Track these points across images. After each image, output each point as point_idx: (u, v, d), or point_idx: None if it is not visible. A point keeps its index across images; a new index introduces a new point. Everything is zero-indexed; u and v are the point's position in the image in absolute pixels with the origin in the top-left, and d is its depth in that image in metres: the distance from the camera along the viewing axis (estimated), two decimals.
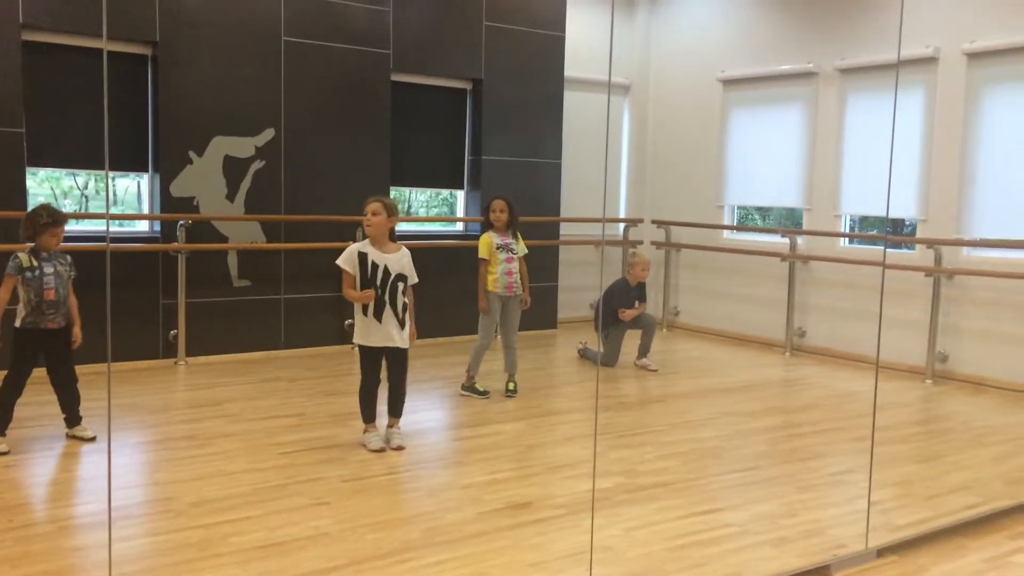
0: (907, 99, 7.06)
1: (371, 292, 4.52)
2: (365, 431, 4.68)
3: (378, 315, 4.58)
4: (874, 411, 3.92)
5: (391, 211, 4.60)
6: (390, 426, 4.76)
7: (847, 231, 7.72)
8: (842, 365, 7.29)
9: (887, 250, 7.26)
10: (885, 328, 4.47)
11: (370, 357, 4.65)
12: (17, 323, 4.45)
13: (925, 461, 4.74)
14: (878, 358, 3.93)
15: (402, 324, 4.65)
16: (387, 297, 4.58)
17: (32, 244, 4.50)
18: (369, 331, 4.59)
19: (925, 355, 6.79)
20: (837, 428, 5.34)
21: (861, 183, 7.46)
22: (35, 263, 4.45)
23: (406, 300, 4.67)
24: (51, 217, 4.49)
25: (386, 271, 4.58)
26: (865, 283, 7.30)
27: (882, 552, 3.56)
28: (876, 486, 4.03)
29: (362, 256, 4.56)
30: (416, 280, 4.71)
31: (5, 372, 4.49)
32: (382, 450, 4.57)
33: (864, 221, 7.85)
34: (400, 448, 4.64)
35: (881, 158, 7.20)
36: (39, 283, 4.43)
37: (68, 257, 4.65)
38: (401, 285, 4.63)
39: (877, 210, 7.43)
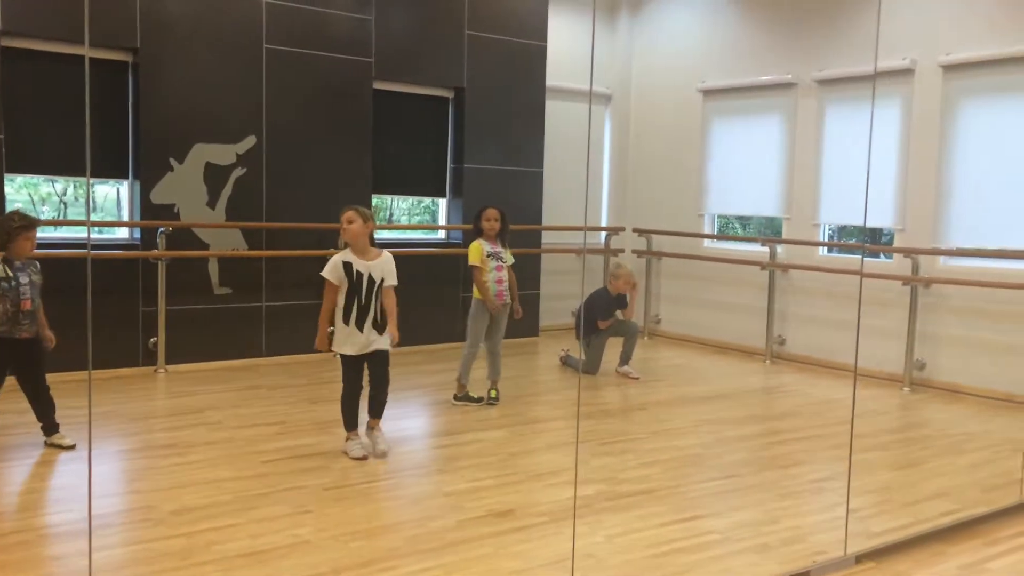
0: (884, 110, 7.15)
1: (326, 342, 4.62)
2: (347, 439, 4.67)
3: (360, 323, 4.57)
4: (852, 419, 3.96)
5: (366, 217, 4.60)
6: (372, 427, 4.74)
7: (826, 240, 7.80)
8: (821, 373, 7.35)
9: (865, 259, 7.34)
10: (863, 336, 4.53)
11: (351, 365, 4.64)
12: None
13: (903, 468, 4.78)
14: (856, 366, 3.97)
15: (381, 329, 4.64)
16: (371, 305, 4.58)
17: (3, 252, 4.42)
18: (350, 339, 4.58)
19: (903, 363, 6.86)
20: (817, 435, 5.38)
21: (839, 193, 7.54)
22: (10, 273, 4.39)
23: (384, 303, 4.65)
24: (24, 221, 4.43)
25: (370, 279, 4.58)
26: (844, 292, 7.37)
27: (861, 558, 3.59)
28: (855, 493, 4.07)
29: (347, 266, 4.56)
30: (395, 283, 4.70)
31: None
32: (364, 458, 4.56)
33: (843, 230, 7.93)
34: (384, 454, 4.63)
35: (859, 168, 7.27)
36: (16, 293, 4.37)
37: (38, 264, 4.60)
38: (384, 289, 4.64)
39: (855, 219, 7.51)
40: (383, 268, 4.64)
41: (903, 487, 4.44)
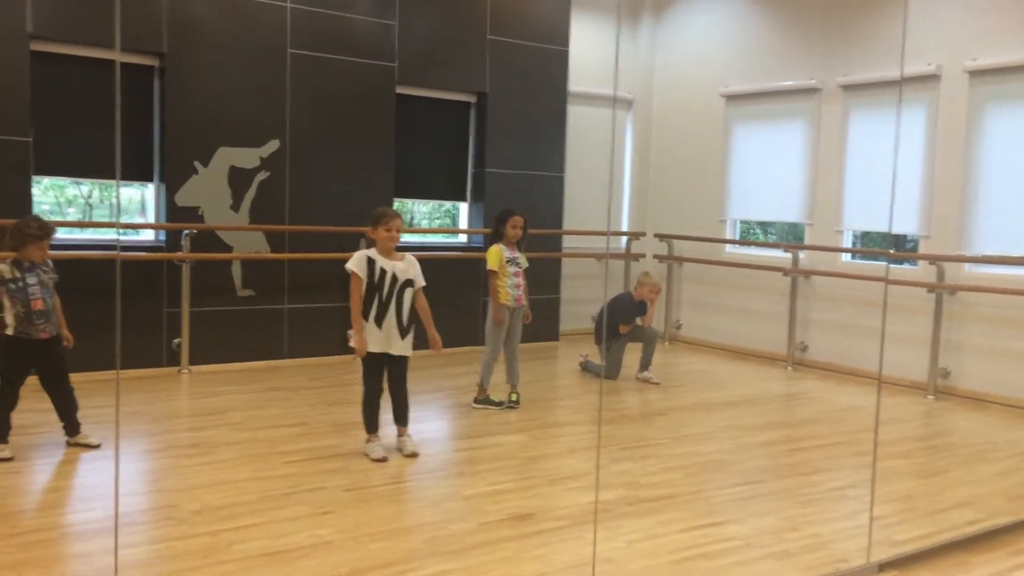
0: (909, 116, 7.10)
1: (365, 345, 4.57)
2: (367, 441, 4.69)
3: (379, 321, 4.60)
4: (876, 426, 3.93)
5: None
6: (401, 435, 4.78)
7: (849, 246, 7.74)
8: (844, 380, 7.29)
9: (890, 266, 7.28)
10: (887, 343, 4.49)
11: (371, 364, 4.67)
12: (9, 331, 4.42)
13: (927, 476, 4.74)
14: (880, 373, 3.94)
15: (404, 332, 4.66)
16: (391, 304, 4.61)
17: (15, 254, 4.45)
18: (370, 336, 4.61)
19: (927, 370, 6.79)
20: (839, 443, 5.34)
21: (863, 199, 7.48)
22: (18, 274, 4.42)
23: (417, 306, 4.72)
24: (41, 230, 4.46)
25: (394, 278, 4.62)
26: (867, 298, 7.32)
27: (884, 567, 3.56)
28: (878, 501, 4.03)
29: (370, 262, 4.60)
30: (424, 283, 4.75)
31: None
32: (384, 459, 4.58)
33: (866, 236, 7.88)
34: (414, 455, 4.67)
35: (883, 174, 7.22)
36: (24, 294, 4.41)
37: (50, 263, 4.62)
38: (409, 291, 4.67)
39: (879, 226, 7.45)
40: (408, 269, 4.68)
41: (927, 495, 4.40)
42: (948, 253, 6.82)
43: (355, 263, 4.60)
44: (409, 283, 4.68)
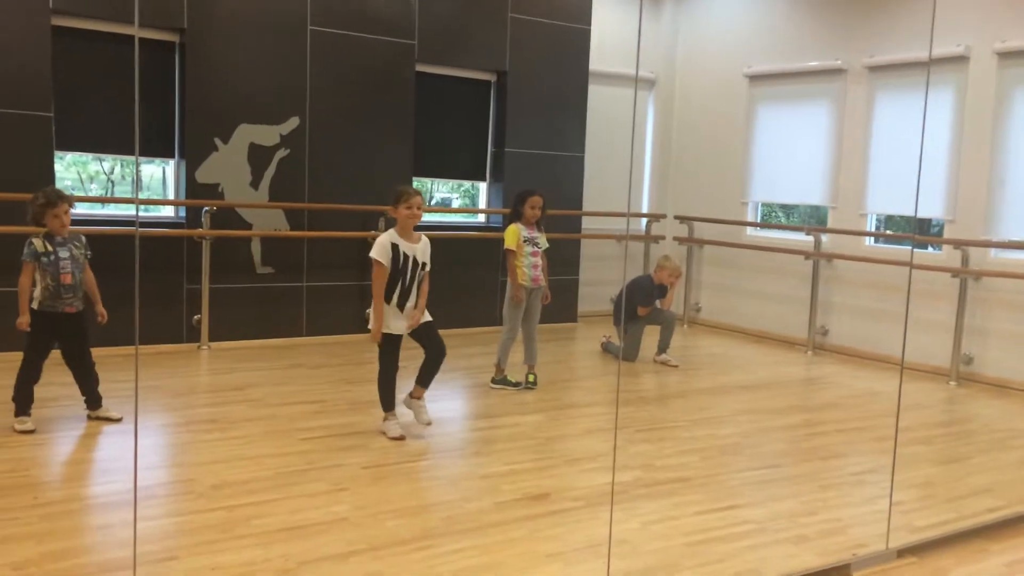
0: (937, 98, 6.98)
1: (380, 333, 4.57)
2: (385, 419, 4.70)
3: (401, 304, 4.60)
4: (898, 411, 3.89)
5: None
6: (416, 396, 4.75)
7: (873, 230, 7.66)
8: (865, 365, 7.23)
9: (914, 250, 7.19)
10: (910, 329, 4.45)
11: (390, 345, 4.67)
12: (34, 305, 4.45)
13: (947, 463, 4.70)
14: (903, 358, 3.90)
15: (419, 308, 4.69)
16: (413, 287, 4.62)
17: (44, 228, 4.48)
18: (390, 319, 4.61)
19: (950, 357, 6.72)
20: (859, 428, 5.30)
21: (888, 182, 7.38)
22: (50, 248, 4.44)
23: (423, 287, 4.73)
24: (45, 198, 4.43)
25: (414, 261, 4.62)
26: (890, 283, 7.24)
27: (902, 553, 3.54)
28: (897, 487, 4.00)
29: (394, 247, 4.59)
30: (430, 266, 4.75)
31: (22, 355, 4.53)
32: (402, 438, 4.59)
33: (889, 220, 7.78)
34: (429, 423, 4.69)
35: (909, 157, 7.12)
36: (55, 267, 4.44)
37: (83, 238, 4.65)
38: (424, 272, 4.68)
39: (903, 209, 7.36)
40: (424, 251, 4.68)
41: (947, 482, 4.36)
42: (973, 238, 6.73)
43: (379, 251, 4.57)
44: (424, 265, 4.69)
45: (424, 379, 4.77)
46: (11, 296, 5.71)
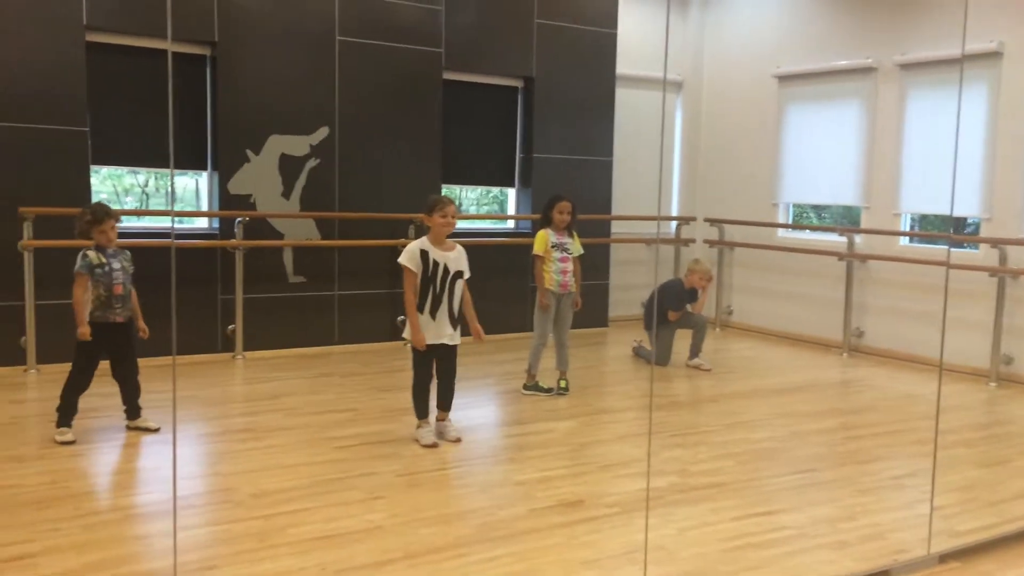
0: (970, 95, 6.88)
1: (423, 339, 4.56)
2: (418, 427, 4.71)
3: (433, 313, 4.61)
4: (937, 413, 3.83)
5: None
6: (441, 419, 4.79)
7: (907, 229, 7.55)
8: (901, 366, 7.13)
9: (950, 249, 7.08)
10: (947, 329, 4.37)
11: (422, 353, 4.68)
12: (86, 317, 4.54)
13: (989, 466, 4.61)
14: (941, 359, 3.84)
15: (455, 323, 4.67)
16: (444, 295, 4.62)
17: (92, 241, 4.58)
18: (424, 327, 4.61)
19: (989, 357, 6.61)
20: (897, 431, 5.22)
21: (922, 181, 7.28)
22: (103, 260, 4.55)
23: (463, 297, 4.73)
24: (92, 215, 4.55)
25: (445, 269, 4.62)
26: (926, 283, 7.14)
27: (944, 558, 3.48)
28: (938, 490, 3.93)
29: (423, 254, 4.60)
30: (469, 275, 4.74)
31: (71, 365, 4.61)
32: (435, 445, 4.60)
33: (924, 219, 7.67)
34: (458, 440, 4.69)
35: (943, 155, 7.02)
36: (108, 278, 4.54)
37: (128, 252, 4.76)
38: (459, 282, 4.68)
39: (938, 208, 7.25)
40: (459, 260, 4.68)
41: (989, 485, 4.28)
42: (1011, 236, 6.61)
43: (408, 258, 4.58)
44: (460, 274, 4.68)
45: (443, 403, 4.80)
46: (53, 309, 5.84)
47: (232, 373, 6.31)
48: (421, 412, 4.72)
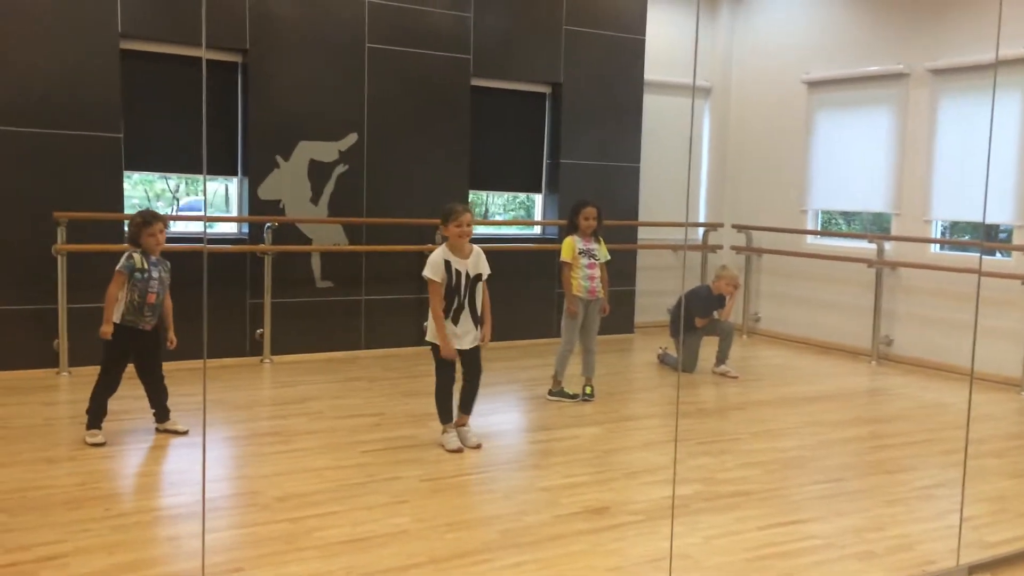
0: (1003, 101, 6.79)
1: (454, 352, 4.58)
2: (443, 431, 4.73)
3: (456, 319, 4.62)
4: (968, 423, 3.78)
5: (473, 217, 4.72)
6: (461, 424, 4.79)
7: (938, 237, 7.46)
8: (931, 375, 7.05)
9: (982, 257, 6.99)
10: (979, 337, 4.31)
11: (446, 359, 4.69)
12: (116, 319, 4.58)
13: (1020, 476, 4.55)
14: (972, 368, 3.79)
15: (477, 325, 4.69)
16: (467, 301, 4.63)
17: (138, 246, 4.63)
18: (449, 335, 4.63)
19: (1021, 366, 6.51)
20: (926, 440, 5.16)
21: (954, 187, 7.20)
22: (146, 265, 4.61)
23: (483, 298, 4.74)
24: (142, 217, 4.65)
25: (467, 275, 4.63)
26: (956, 290, 7.05)
27: (974, 569, 3.43)
28: (968, 501, 3.88)
29: (447, 264, 4.61)
30: (489, 272, 4.74)
31: (99, 368, 4.67)
32: (460, 450, 4.62)
33: (955, 227, 7.58)
34: (478, 446, 4.69)
35: (975, 162, 6.94)
36: (145, 285, 4.59)
37: (168, 263, 4.80)
38: (479, 284, 4.69)
39: (969, 215, 7.16)
40: (477, 263, 4.69)
41: (1020, 496, 4.22)
42: None
43: (433, 270, 4.57)
44: (479, 277, 4.70)
45: (465, 405, 4.79)
46: (86, 312, 5.93)
47: (260, 377, 6.37)
48: (445, 417, 4.74)
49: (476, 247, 4.75)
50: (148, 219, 4.64)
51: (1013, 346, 6.60)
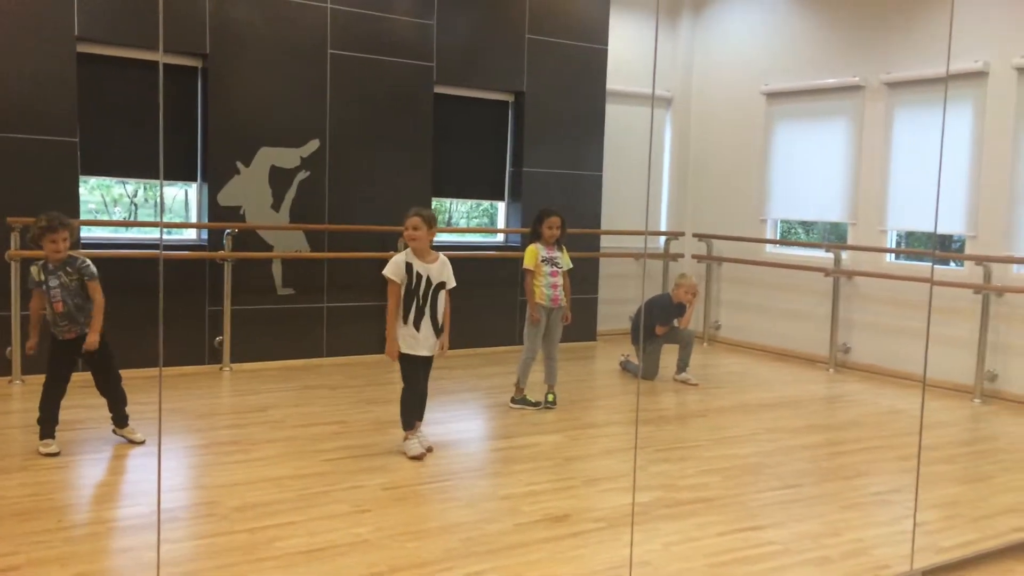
0: (956, 113, 6.95)
1: (396, 349, 4.63)
2: (406, 438, 4.72)
3: (417, 324, 4.63)
4: (920, 429, 3.87)
5: (430, 223, 4.68)
6: (416, 429, 4.82)
7: (893, 246, 7.61)
8: (887, 382, 7.17)
9: (935, 266, 7.15)
10: (932, 345, 4.40)
11: (410, 365, 4.69)
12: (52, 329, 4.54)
13: (972, 482, 4.64)
14: (925, 376, 3.87)
15: (438, 333, 4.70)
16: (427, 306, 4.64)
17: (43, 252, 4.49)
18: (410, 339, 4.64)
19: (973, 373, 6.66)
20: (881, 446, 5.25)
21: (908, 198, 7.35)
22: (43, 276, 4.50)
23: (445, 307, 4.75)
24: (46, 221, 4.38)
25: (428, 281, 4.64)
26: (912, 299, 7.19)
27: (928, 574, 3.50)
28: (922, 506, 3.96)
29: (407, 266, 4.62)
30: (454, 284, 4.77)
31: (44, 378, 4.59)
32: (422, 457, 4.61)
33: (910, 236, 7.74)
34: (429, 450, 4.74)
35: (929, 173, 7.09)
36: (48, 296, 4.49)
37: (78, 261, 4.54)
38: (442, 293, 4.71)
39: (924, 225, 7.32)
40: (442, 271, 4.70)
41: (972, 501, 4.31)
42: (995, 254, 6.67)
43: (393, 270, 4.62)
44: (442, 285, 4.70)
45: (418, 413, 4.82)
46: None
47: (219, 385, 6.29)
48: (408, 424, 4.73)
49: (443, 256, 4.77)
50: (53, 225, 4.37)
51: (965, 354, 6.74)
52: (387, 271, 4.63)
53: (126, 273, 4.90)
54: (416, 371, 4.70)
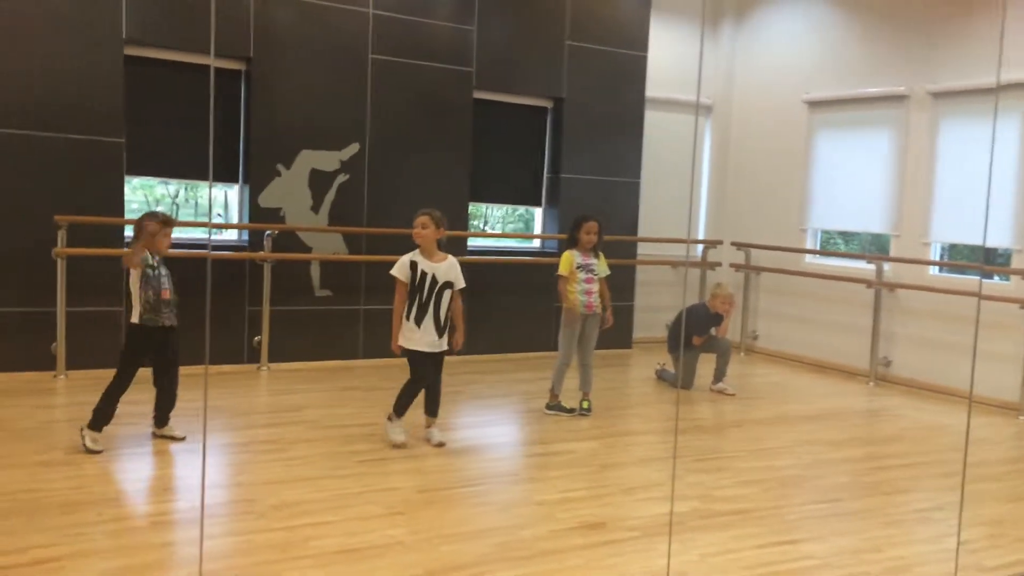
0: (1003, 124, 6.82)
1: (397, 348, 4.87)
2: (389, 419, 4.86)
3: (418, 321, 4.80)
4: (966, 446, 3.79)
5: (438, 223, 4.88)
6: (429, 426, 4.96)
7: (937, 259, 7.48)
8: (929, 397, 7.04)
9: (982, 280, 7.01)
10: (977, 361, 4.31)
11: (415, 360, 4.86)
12: (135, 319, 4.57)
13: (1018, 500, 4.54)
14: (971, 391, 3.80)
15: (441, 331, 4.84)
16: (431, 305, 4.78)
17: (145, 247, 4.59)
18: (411, 335, 4.82)
19: (1019, 390, 6.51)
20: (924, 462, 5.15)
21: (953, 210, 7.22)
22: (154, 262, 4.62)
23: (452, 306, 4.90)
24: (166, 218, 4.67)
25: (433, 279, 4.81)
26: (955, 313, 7.05)
27: None
28: (966, 524, 3.88)
29: (413, 265, 4.81)
30: (463, 285, 4.91)
31: (115, 370, 4.61)
32: (403, 445, 4.74)
33: (953, 249, 7.60)
34: (441, 445, 4.82)
35: (975, 185, 6.96)
36: (158, 283, 4.59)
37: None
38: (447, 292, 4.84)
39: (969, 238, 7.18)
40: (448, 271, 4.83)
41: (1017, 520, 4.21)
42: None
43: (398, 269, 4.85)
44: (448, 284, 4.84)
45: (430, 408, 4.99)
46: (84, 316, 5.93)
47: (257, 384, 6.35)
48: (399, 410, 4.86)
49: (451, 257, 4.95)
50: (171, 221, 4.69)
51: (1011, 370, 6.60)
52: (394, 270, 4.86)
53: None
54: (418, 365, 4.85)
